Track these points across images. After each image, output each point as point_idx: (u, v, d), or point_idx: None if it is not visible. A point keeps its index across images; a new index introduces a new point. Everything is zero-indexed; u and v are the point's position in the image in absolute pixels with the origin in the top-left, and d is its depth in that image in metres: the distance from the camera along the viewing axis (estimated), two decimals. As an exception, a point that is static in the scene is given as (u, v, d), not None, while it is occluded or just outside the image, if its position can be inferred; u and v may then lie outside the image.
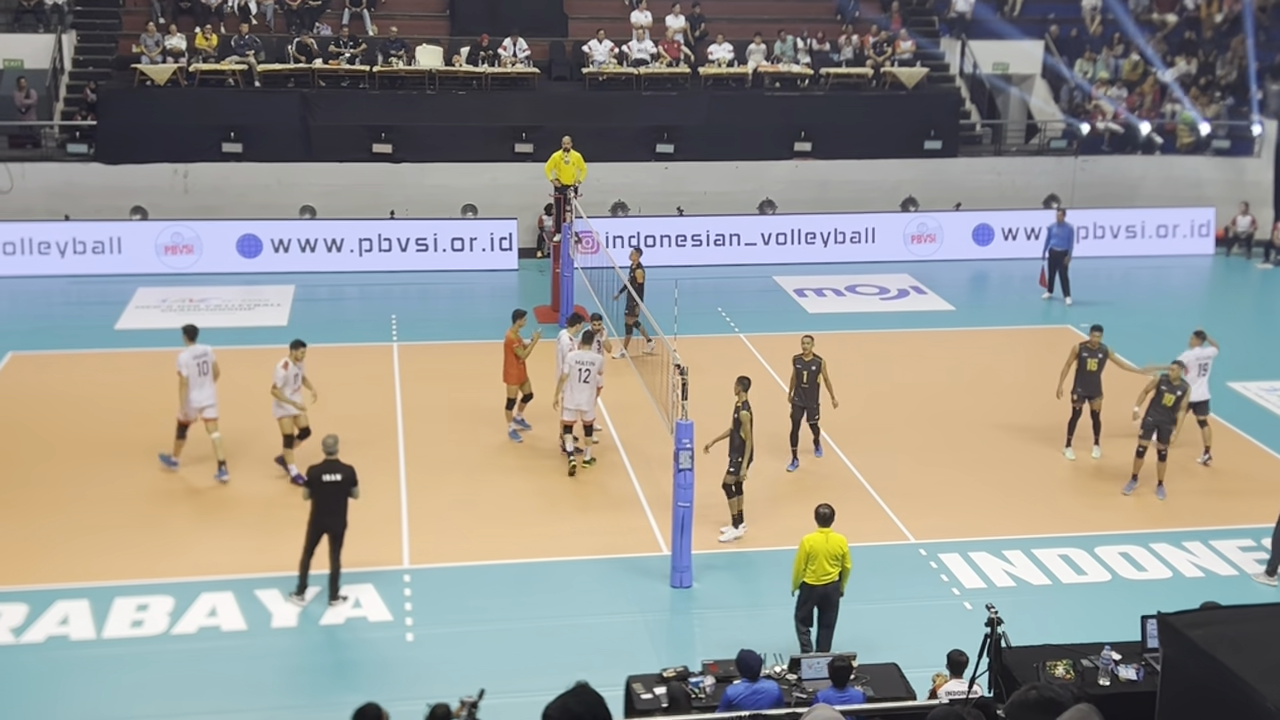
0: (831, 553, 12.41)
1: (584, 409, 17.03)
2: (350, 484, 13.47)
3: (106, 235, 25.74)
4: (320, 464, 13.48)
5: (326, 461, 13.46)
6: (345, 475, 13.44)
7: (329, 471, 13.42)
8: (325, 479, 13.40)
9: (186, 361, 16.20)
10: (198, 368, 16.27)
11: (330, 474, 13.41)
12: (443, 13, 30.77)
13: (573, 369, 16.91)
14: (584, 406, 17.00)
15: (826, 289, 25.93)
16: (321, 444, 13.69)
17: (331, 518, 13.50)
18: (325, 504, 13.43)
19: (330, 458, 13.46)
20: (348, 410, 18.83)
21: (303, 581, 13.71)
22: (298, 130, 27.59)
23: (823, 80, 29.74)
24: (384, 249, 26.39)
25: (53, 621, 13.25)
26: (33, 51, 28.50)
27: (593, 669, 10.51)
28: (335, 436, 13.66)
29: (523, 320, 18.08)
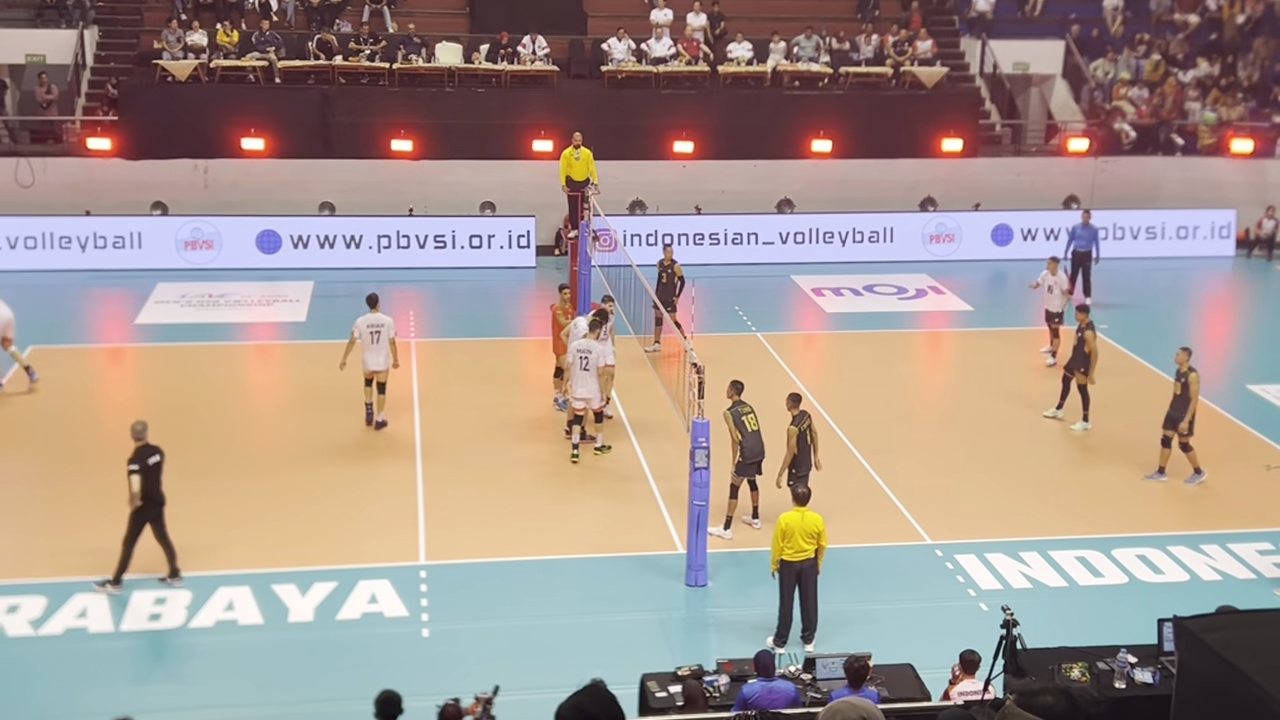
0: (807, 530, 12.77)
1: (589, 398, 17.16)
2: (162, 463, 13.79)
3: (127, 230, 25.87)
4: (139, 450, 13.61)
5: (145, 446, 13.65)
6: (161, 455, 13.77)
7: (151, 455, 13.65)
8: (150, 462, 13.63)
9: (359, 326, 17.86)
10: (370, 335, 17.67)
11: (153, 457, 13.66)
12: (462, 10, 30.81)
13: (573, 357, 17.13)
14: (589, 395, 17.14)
15: (844, 288, 25.90)
16: (132, 431, 13.75)
17: (160, 493, 13.72)
18: (153, 485, 13.63)
19: (146, 443, 13.68)
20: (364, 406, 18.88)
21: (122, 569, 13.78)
22: (317, 127, 27.66)
23: (842, 79, 29.68)
24: (402, 246, 26.46)
25: (71, 614, 13.34)
26: (55, 47, 28.64)
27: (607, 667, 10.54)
28: (144, 422, 13.85)
29: (567, 293, 18.77)
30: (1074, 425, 18.88)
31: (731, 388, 15.25)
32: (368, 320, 17.93)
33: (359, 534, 15.24)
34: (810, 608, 13.06)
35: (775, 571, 12.96)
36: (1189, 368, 16.65)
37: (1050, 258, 21.75)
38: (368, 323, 17.91)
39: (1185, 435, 16.77)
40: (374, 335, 17.87)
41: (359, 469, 17.02)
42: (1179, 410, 16.76)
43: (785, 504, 13.32)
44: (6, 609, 13.34)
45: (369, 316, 17.97)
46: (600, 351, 17.14)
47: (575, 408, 17.30)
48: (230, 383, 20.05)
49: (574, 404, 17.30)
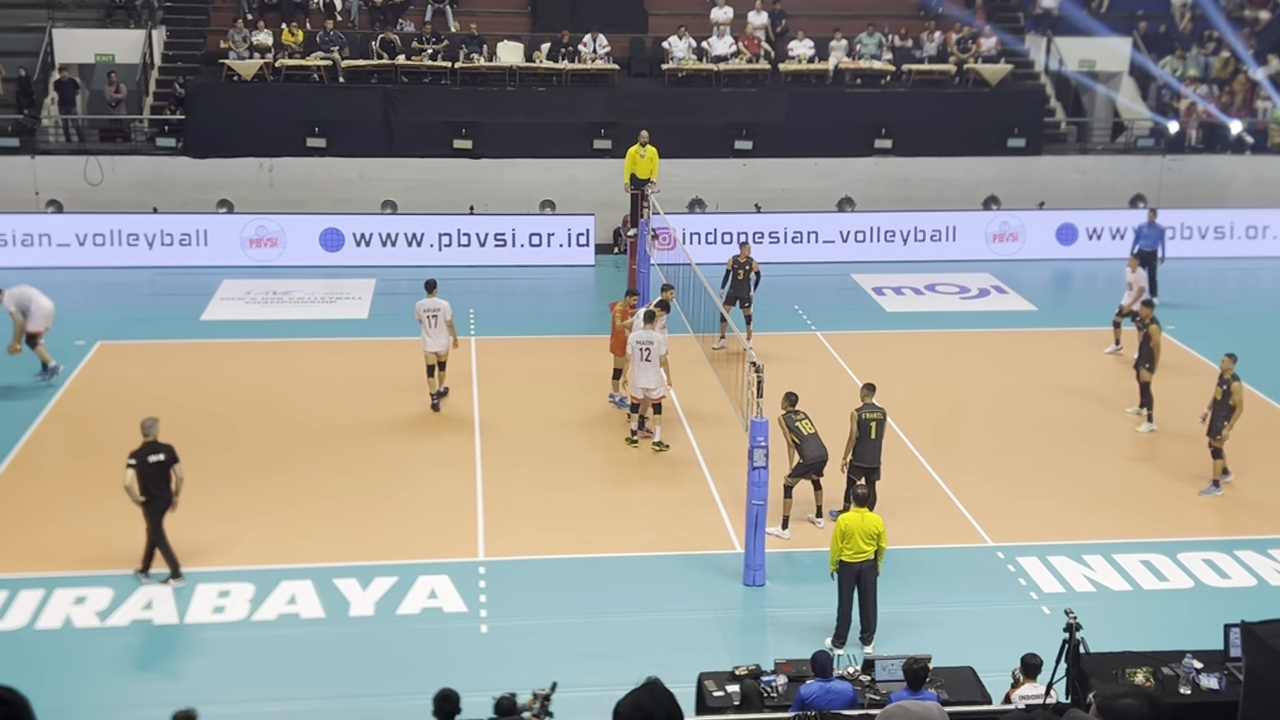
0: (867, 531, 12.69)
1: (650, 388, 17.35)
2: (172, 461, 13.79)
3: (193, 228, 26.21)
4: (142, 446, 13.72)
5: (149, 444, 13.73)
6: (168, 454, 13.80)
7: (153, 453, 13.71)
8: (151, 460, 13.69)
9: (419, 310, 18.47)
10: (429, 319, 18.33)
11: (154, 455, 13.72)
12: (524, 9, 30.94)
13: (633, 349, 17.32)
14: (649, 385, 17.33)
15: (906, 287, 25.71)
16: (141, 426, 13.87)
17: (162, 492, 13.77)
18: (154, 482, 13.69)
19: (151, 440, 13.76)
20: (425, 403, 19.03)
21: (173, 562, 13.92)
22: (380, 126, 27.90)
23: (904, 77, 29.47)
24: (463, 244, 26.60)
25: (137, 606, 13.54)
26: (124, 47, 29.10)
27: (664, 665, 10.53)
28: (154, 419, 13.95)
29: (634, 298, 18.88)
30: (1139, 426, 18.64)
31: (785, 399, 15.29)
32: (425, 305, 18.47)
33: (419, 530, 15.34)
34: (869, 609, 12.98)
35: (834, 572, 12.90)
36: (1233, 375, 16.34)
37: (1131, 255, 21.72)
38: (425, 307, 18.46)
39: (1219, 440, 16.44)
40: (431, 319, 18.41)
41: (419, 465, 17.14)
42: (1222, 417, 16.45)
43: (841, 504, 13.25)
44: (74, 600, 13.57)
45: (426, 300, 18.51)
46: (660, 341, 17.35)
47: (635, 397, 17.52)
48: (293, 379, 20.27)
49: (634, 393, 17.51)
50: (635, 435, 17.69)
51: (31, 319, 19.36)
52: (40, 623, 13.20)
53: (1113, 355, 21.46)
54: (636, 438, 17.68)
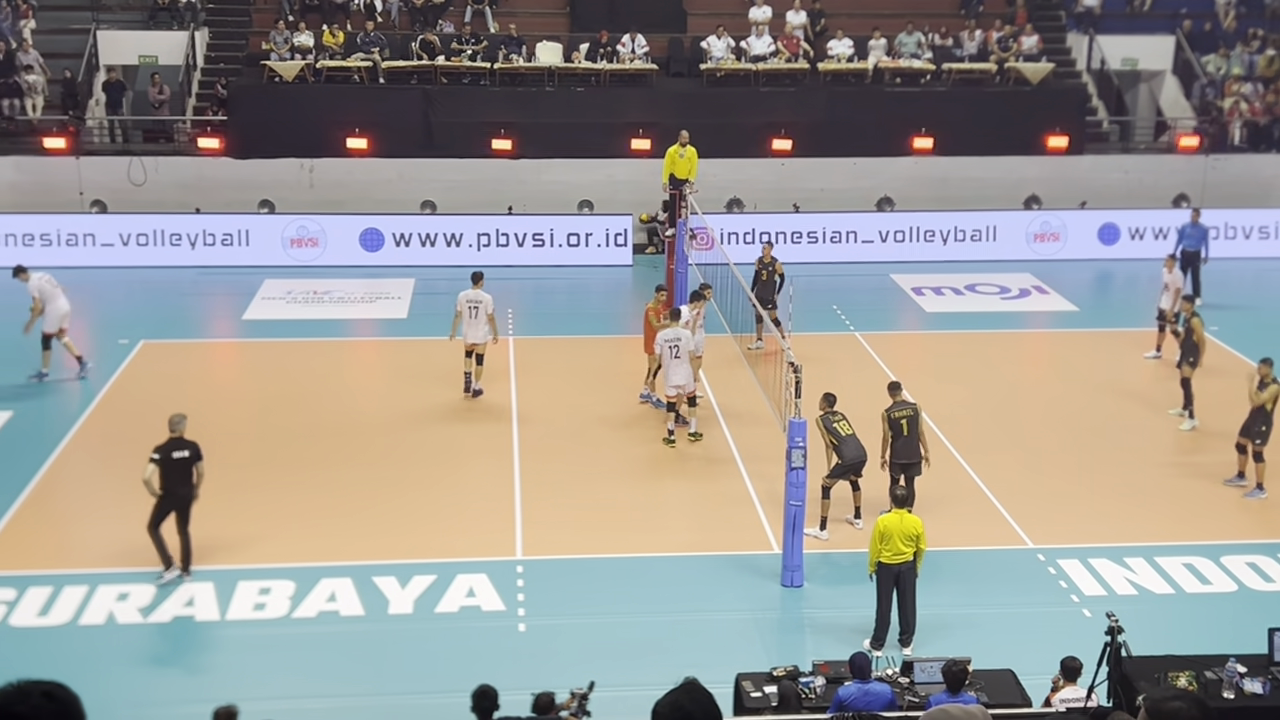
0: (906, 533, 12.65)
1: (682, 385, 17.49)
2: (196, 459, 13.86)
3: (235, 228, 26.43)
4: (167, 442, 13.80)
5: (174, 439, 13.80)
6: (192, 451, 13.85)
7: (178, 449, 13.78)
8: (174, 456, 13.76)
9: (460, 300, 18.94)
10: (469, 310, 18.80)
11: (179, 451, 13.78)
12: (563, 10, 30.99)
13: (661, 347, 17.44)
14: (681, 382, 17.47)
15: (945, 288, 25.57)
16: (169, 423, 13.96)
17: (183, 489, 13.84)
18: (175, 478, 13.77)
19: (176, 435, 13.83)
20: (464, 402, 19.11)
21: (165, 555, 13.99)
22: (420, 126, 28.01)
23: (944, 76, 29.30)
24: (501, 244, 26.68)
25: (179, 603, 13.67)
26: (167, 48, 29.38)
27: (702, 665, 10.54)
28: (182, 415, 14.01)
29: (663, 294, 19.01)
30: (1182, 425, 18.48)
31: (824, 400, 15.27)
32: (468, 296, 18.89)
33: (458, 528, 15.41)
34: (908, 611, 12.91)
35: (873, 574, 12.85)
36: (1272, 379, 16.17)
37: (1169, 255, 21.47)
38: (468, 298, 18.86)
39: (1259, 445, 16.31)
40: (472, 310, 18.80)
41: (458, 464, 17.22)
42: (1257, 420, 16.28)
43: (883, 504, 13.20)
44: (117, 596, 13.71)
45: (469, 292, 18.92)
46: (688, 338, 17.51)
47: (669, 395, 17.61)
48: (333, 378, 20.40)
49: (668, 391, 17.59)
50: (672, 435, 17.71)
51: (46, 319, 19.54)
52: (84, 619, 13.35)
53: (1153, 359, 21.23)
54: (674, 437, 17.70)
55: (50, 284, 19.64)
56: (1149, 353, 21.38)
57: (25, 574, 14.12)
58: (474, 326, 18.85)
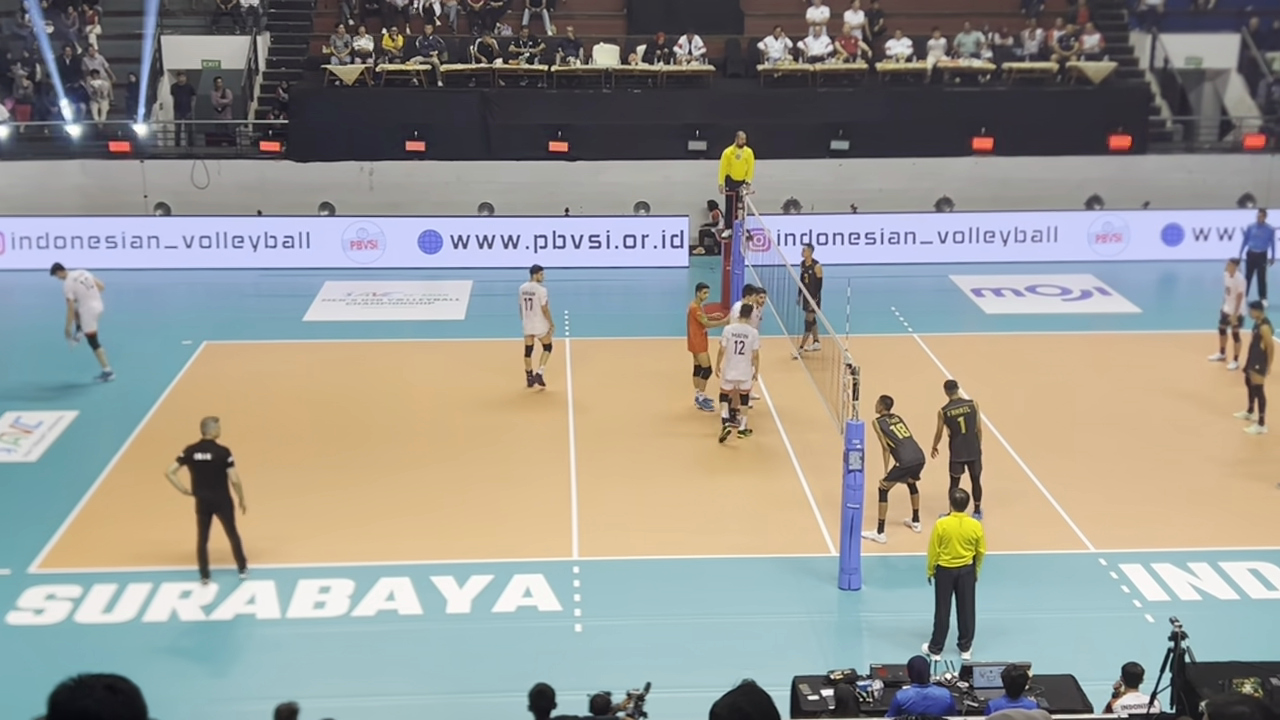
0: (965, 536, 12.54)
1: (740, 379, 17.55)
2: (222, 463, 13.72)
3: (296, 230, 26.71)
4: (195, 444, 13.81)
5: (201, 442, 13.80)
6: (216, 455, 13.75)
7: (201, 451, 13.75)
8: (196, 457, 13.75)
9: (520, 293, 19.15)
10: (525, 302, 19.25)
11: (201, 453, 13.75)
12: (620, 12, 31.05)
13: (728, 340, 17.52)
14: (740, 377, 17.55)
15: (1005, 289, 25.32)
16: (200, 425, 13.98)
17: (208, 492, 13.77)
18: (198, 480, 13.75)
19: (205, 438, 13.81)
20: (521, 403, 19.18)
21: (202, 566, 14.01)
22: (478, 129, 28.18)
23: (1004, 75, 29.04)
24: (558, 246, 26.75)
25: (240, 601, 13.82)
26: (229, 53, 29.76)
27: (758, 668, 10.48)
28: (215, 418, 13.99)
29: (704, 292, 18.99)
30: (1248, 428, 18.19)
31: (880, 402, 15.19)
32: (524, 288, 19.46)
33: (515, 529, 15.46)
34: (967, 615, 12.81)
35: (931, 577, 12.75)
36: None
37: (1230, 260, 21.10)
38: (524, 290, 19.43)
39: None
40: (527, 302, 19.29)
41: (515, 465, 17.28)
42: None
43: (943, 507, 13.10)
44: (180, 594, 13.89)
45: (525, 285, 19.47)
46: (755, 336, 17.60)
47: (724, 387, 17.72)
48: (392, 379, 20.55)
49: (723, 384, 17.70)
50: (727, 425, 17.85)
51: (83, 320, 19.76)
52: (147, 616, 13.54)
53: (1216, 362, 20.91)
54: (729, 428, 17.83)
55: (85, 284, 19.85)
56: (1212, 355, 21.06)
57: (90, 571, 14.35)
58: (530, 318, 19.32)
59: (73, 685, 3.48)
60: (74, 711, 3.43)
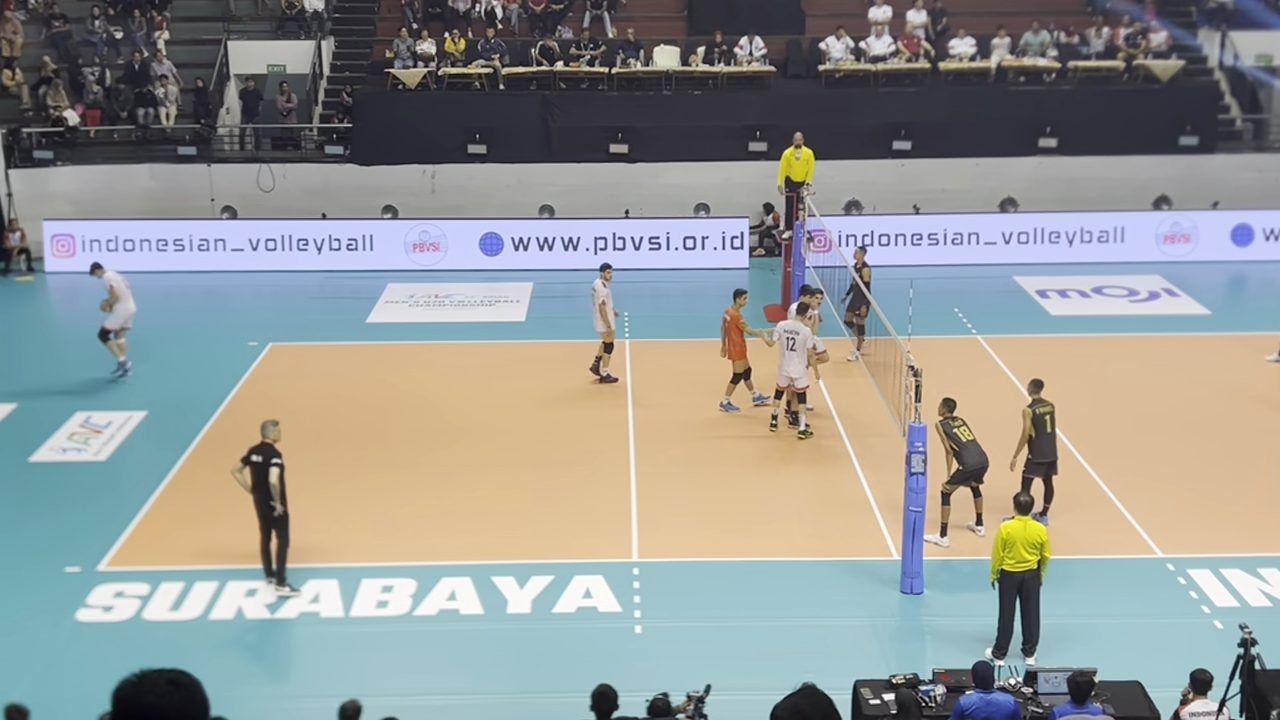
0: (1029, 540, 12.42)
1: (793, 376, 17.69)
2: (266, 466, 13.69)
3: (359, 233, 26.97)
4: (254, 445, 13.87)
5: (259, 444, 13.84)
6: (265, 457, 13.73)
7: (257, 453, 13.81)
8: (252, 459, 13.81)
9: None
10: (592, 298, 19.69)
11: (257, 455, 13.80)
12: (680, 13, 31.04)
13: (780, 338, 17.72)
14: (793, 374, 17.69)
15: (1071, 290, 25.01)
16: (260, 426, 14.02)
17: (259, 494, 13.79)
18: (254, 482, 13.78)
19: (262, 440, 13.85)
20: (581, 404, 19.23)
21: (265, 566, 14.04)
22: (538, 131, 28.29)
23: (1070, 74, 28.70)
24: (618, 247, 26.78)
25: (305, 599, 13.96)
26: (294, 57, 30.10)
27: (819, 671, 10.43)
28: (274, 422, 14.01)
29: (743, 299, 18.94)
30: None
31: (943, 405, 15.05)
32: (593, 285, 19.91)
33: (575, 530, 15.50)
34: (1032, 620, 12.65)
35: (995, 581, 12.62)
36: None
37: None
38: (592, 287, 19.92)
39: None
40: (594, 299, 19.72)
41: (574, 466, 17.32)
42: None
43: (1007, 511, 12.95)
44: (245, 593, 14.05)
45: (594, 282, 19.90)
46: (807, 333, 17.65)
47: (780, 384, 17.89)
48: (453, 380, 20.68)
49: (779, 381, 17.88)
50: (775, 423, 17.99)
51: (113, 315, 20.11)
52: (214, 613, 13.72)
53: (1273, 363, 20.52)
54: (776, 422, 18.02)
55: (124, 284, 20.22)
56: (1269, 355, 20.65)
57: (158, 569, 14.57)
58: (594, 315, 19.77)
59: (136, 680, 3.52)
60: (138, 706, 3.46)
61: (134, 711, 3.47)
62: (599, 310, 19.58)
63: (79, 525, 15.71)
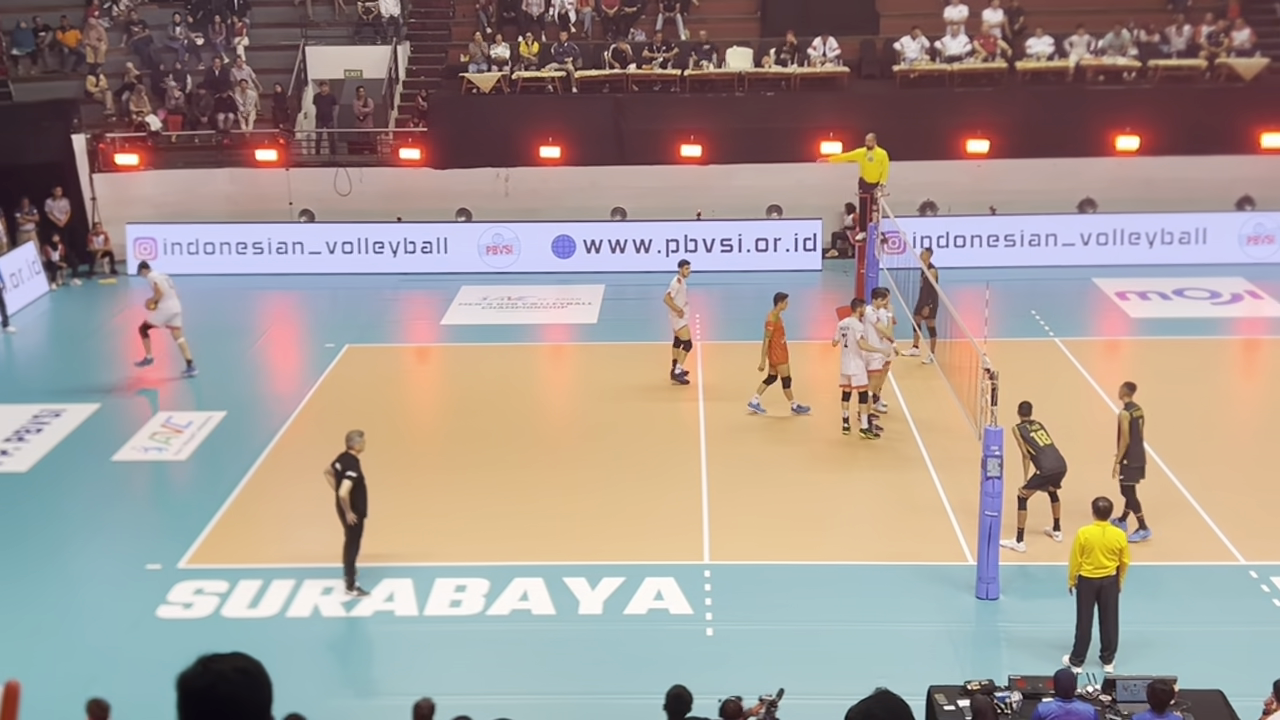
0: (1109, 546, 12.21)
1: (850, 374, 17.73)
2: (340, 477, 13.76)
3: (434, 236, 27.21)
4: (340, 454, 13.93)
5: (343, 453, 13.89)
6: (342, 465, 13.79)
7: (339, 461, 13.87)
8: (336, 466, 13.87)
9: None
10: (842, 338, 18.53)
11: (338, 463, 13.86)
12: (754, 15, 30.95)
13: (837, 336, 17.87)
14: (849, 372, 17.73)
15: (1151, 292, 24.59)
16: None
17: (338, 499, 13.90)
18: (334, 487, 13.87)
19: (345, 449, 13.89)
20: (652, 406, 19.23)
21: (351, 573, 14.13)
22: (611, 134, 28.33)
23: (1150, 73, 28.21)
24: (690, 249, 26.70)
25: (379, 598, 14.10)
26: (371, 62, 30.43)
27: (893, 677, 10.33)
28: (359, 432, 14.02)
29: (784, 303, 18.89)
30: None
31: (1020, 410, 14.88)
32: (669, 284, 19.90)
33: (646, 531, 15.51)
34: (1110, 627, 12.45)
35: (1072, 588, 12.43)
36: None
37: None
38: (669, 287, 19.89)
39: None
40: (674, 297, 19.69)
41: (646, 468, 17.34)
42: None
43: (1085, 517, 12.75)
44: (321, 591, 14.22)
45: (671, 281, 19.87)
46: (859, 329, 17.68)
47: (840, 383, 17.96)
48: (526, 382, 20.80)
49: (840, 381, 17.94)
50: (845, 425, 17.98)
51: (156, 312, 20.46)
52: (291, 611, 13.90)
53: None
54: (848, 425, 17.96)
55: (169, 283, 20.58)
56: None
57: (237, 567, 14.79)
58: (671, 315, 19.67)
59: (202, 670, 3.52)
60: (205, 693, 3.47)
61: (203, 699, 3.47)
62: (665, 300, 19.68)
63: (160, 523, 16.01)
